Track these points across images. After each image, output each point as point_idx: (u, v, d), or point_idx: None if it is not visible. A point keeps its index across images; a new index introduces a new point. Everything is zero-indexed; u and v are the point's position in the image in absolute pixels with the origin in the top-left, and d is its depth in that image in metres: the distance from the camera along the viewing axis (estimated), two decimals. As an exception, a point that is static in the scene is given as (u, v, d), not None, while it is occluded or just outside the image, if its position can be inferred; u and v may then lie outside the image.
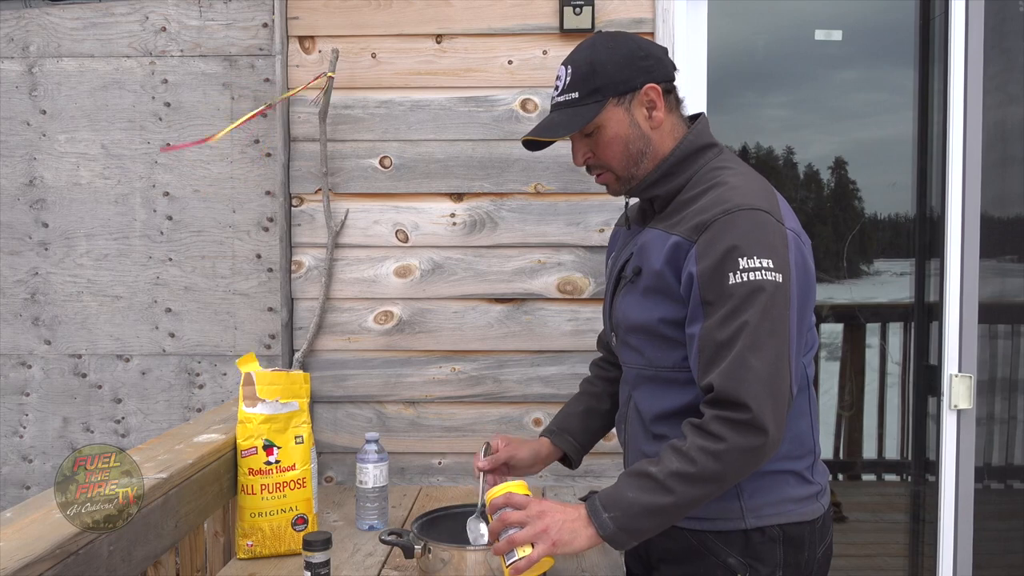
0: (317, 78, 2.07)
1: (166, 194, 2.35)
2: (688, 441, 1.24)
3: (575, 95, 1.37)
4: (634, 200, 1.52)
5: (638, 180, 1.41)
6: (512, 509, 1.31)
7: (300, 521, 1.69)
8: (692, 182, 1.37)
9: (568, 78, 1.38)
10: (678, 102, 1.43)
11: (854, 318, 2.79)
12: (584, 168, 1.46)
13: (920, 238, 2.46)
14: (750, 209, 1.26)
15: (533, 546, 1.25)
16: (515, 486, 1.36)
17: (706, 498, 1.25)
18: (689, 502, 1.24)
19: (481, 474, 1.52)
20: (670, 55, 2.05)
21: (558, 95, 1.40)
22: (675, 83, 1.43)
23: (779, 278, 1.23)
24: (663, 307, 1.33)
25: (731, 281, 1.23)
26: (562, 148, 1.57)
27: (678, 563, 1.40)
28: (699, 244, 1.27)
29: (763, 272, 1.22)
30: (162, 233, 2.35)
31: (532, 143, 1.47)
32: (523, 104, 2.13)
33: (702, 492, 1.24)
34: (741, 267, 1.23)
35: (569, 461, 1.62)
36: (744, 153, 2.63)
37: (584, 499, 1.31)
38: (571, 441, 1.61)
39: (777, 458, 1.32)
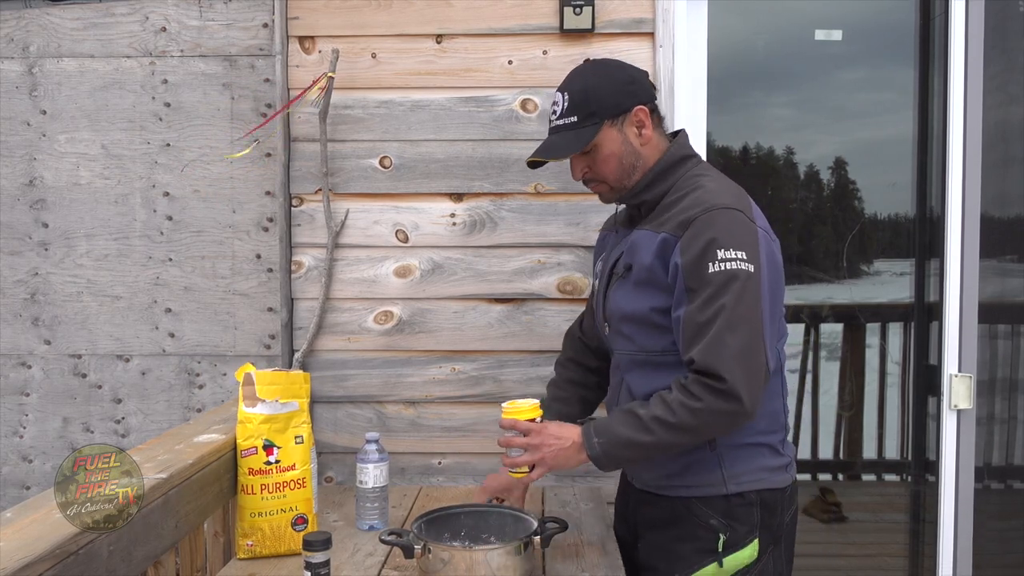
0: (317, 89, 2.07)
1: (166, 194, 2.35)
2: (672, 394, 1.44)
3: (573, 119, 1.57)
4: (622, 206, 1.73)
5: (628, 189, 1.61)
6: (517, 433, 1.54)
7: (300, 521, 1.69)
8: (674, 188, 1.57)
9: (565, 104, 1.58)
10: (660, 119, 1.64)
11: (854, 318, 2.79)
12: (583, 182, 1.65)
13: (920, 238, 2.45)
14: (727, 208, 1.47)
15: (532, 468, 1.54)
16: (527, 411, 1.57)
17: (679, 445, 1.49)
18: (665, 444, 1.46)
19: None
20: (670, 55, 2.10)
21: (556, 119, 1.60)
22: (657, 103, 1.64)
23: (751, 268, 1.43)
24: (653, 297, 1.52)
25: (710, 270, 1.42)
26: (562, 148, 1.59)
27: (666, 527, 1.60)
28: (683, 239, 1.46)
29: (738, 262, 1.42)
30: (162, 233, 2.35)
31: (535, 161, 1.66)
32: (523, 104, 2.13)
33: (676, 439, 1.45)
34: (719, 258, 1.42)
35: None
36: (745, 153, 2.63)
37: (582, 422, 1.55)
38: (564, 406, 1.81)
39: (755, 432, 1.55)
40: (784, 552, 1.62)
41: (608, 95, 1.56)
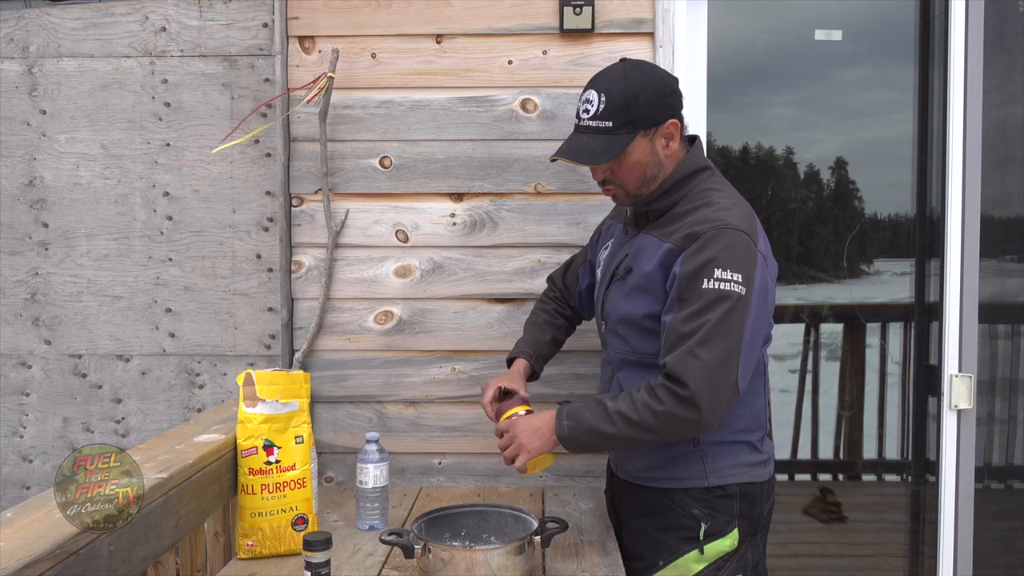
0: (315, 95, 2.07)
1: (166, 194, 2.35)
2: (640, 394, 1.51)
3: (609, 124, 1.56)
4: None
5: (644, 196, 1.64)
6: (503, 435, 1.66)
7: (300, 521, 1.69)
8: (686, 199, 1.61)
9: (602, 106, 1.56)
10: (685, 129, 1.65)
11: (854, 318, 2.79)
12: (599, 182, 1.66)
13: (920, 238, 2.45)
14: (735, 229, 1.51)
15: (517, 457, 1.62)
16: (509, 411, 1.69)
17: (638, 441, 1.54)
18: (625, 438, 1.52)
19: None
20: (670, 55, 2.11)
21: (590, 119, 1.58)
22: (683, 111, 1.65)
23: (743, 291, 1.48)
24: (648, 304, 1.59)
25: (704, 285, 1.48)
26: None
27: (649, 517, 1.67)
28: (687, 251, 1.52)
29: (732, 284, 1.47)
30: (162, 233, 2.35)
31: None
32: (523, 104, 2.13)
33: (636, 435, 1.51)
34: (715, 276, 1.47)
35: (533, 376, 1.90)
36: (745, 153, 2.63)
37: (560, 404, 1.62)
38: (541, 363, 1.91)
39: (736, 430, 1.62)
40: (760, 542, 1.69)
41: (647, 105, 1.56)
